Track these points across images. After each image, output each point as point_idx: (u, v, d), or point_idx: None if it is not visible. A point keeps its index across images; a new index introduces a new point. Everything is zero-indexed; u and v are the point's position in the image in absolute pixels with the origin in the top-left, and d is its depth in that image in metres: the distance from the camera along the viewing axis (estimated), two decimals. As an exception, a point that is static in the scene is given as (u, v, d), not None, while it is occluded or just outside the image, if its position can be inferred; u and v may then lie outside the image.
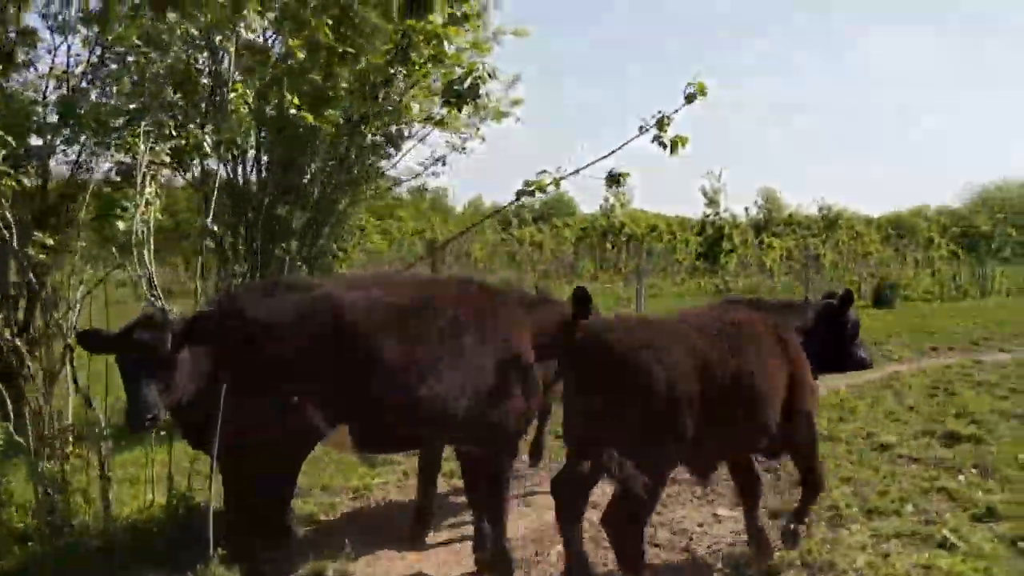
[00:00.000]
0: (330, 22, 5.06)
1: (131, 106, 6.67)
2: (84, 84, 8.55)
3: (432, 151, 9.04)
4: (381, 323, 4.31)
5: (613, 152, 6.05)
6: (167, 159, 6.45)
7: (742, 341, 4.78)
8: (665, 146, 6.03)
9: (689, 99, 5.86)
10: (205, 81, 7.19)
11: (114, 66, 8.16)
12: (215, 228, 6.03)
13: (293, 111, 5.29)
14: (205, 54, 7.24)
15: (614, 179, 6.11)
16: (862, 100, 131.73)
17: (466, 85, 6.19)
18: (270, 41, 7.37)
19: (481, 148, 8.92)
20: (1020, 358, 12.94)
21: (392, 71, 5.58)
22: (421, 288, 4.76)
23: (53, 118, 6.79)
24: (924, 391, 10.19)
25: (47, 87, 8.53)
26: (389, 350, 4.25)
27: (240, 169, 8.94)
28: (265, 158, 8.79)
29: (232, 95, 5.96)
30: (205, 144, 6.12)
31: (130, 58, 6.75)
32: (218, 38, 6.05)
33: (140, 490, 6.02)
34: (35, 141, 6.88)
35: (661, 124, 5.97)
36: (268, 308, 4.28)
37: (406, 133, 7.90)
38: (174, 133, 6.51)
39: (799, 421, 5.06)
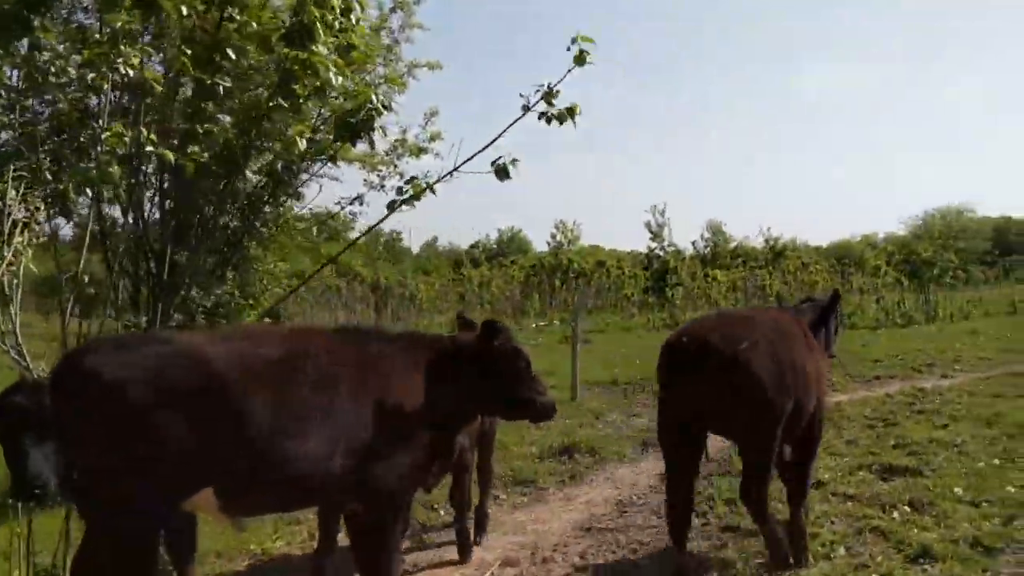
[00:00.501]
0: (189, 52, 4.68)
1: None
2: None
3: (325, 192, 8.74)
4: (248, 376, 3.94)
5: (497, 138, 5.53)
6: (41, 205, 6.02)
7: (791, 339, 5.71)
8: (552, 119, 5.50)
9: (579, 60, 5.32)
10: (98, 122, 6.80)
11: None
12: (86, 278, 5.55)
13: (150, 148, 4.88)
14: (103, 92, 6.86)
15: (501, 170, 5.51)
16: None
17: (360, 117, 5.85)
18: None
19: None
20: (959, 383, 12.82)
21: (272, 104, 5.19)
22: (293, 339, 4.38)
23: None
24: (863, 422, 9.96)
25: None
26: (255, 405, 3.88)
27: (136, 213, 8.49)
28: (169, 202, 8.39)
29: (106, 135, 5.53)
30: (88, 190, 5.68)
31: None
32: (91, 75, 5.60)
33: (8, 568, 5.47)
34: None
35: (548, 97, 5.45)
36: (118, 362, 3.86)
37: (307, 171, 7.51)
38: (49, 177, 6.08)
39: (821, 408, 5.86)
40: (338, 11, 5.50)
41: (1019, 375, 13.19)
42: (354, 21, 5.45)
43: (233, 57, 4.97)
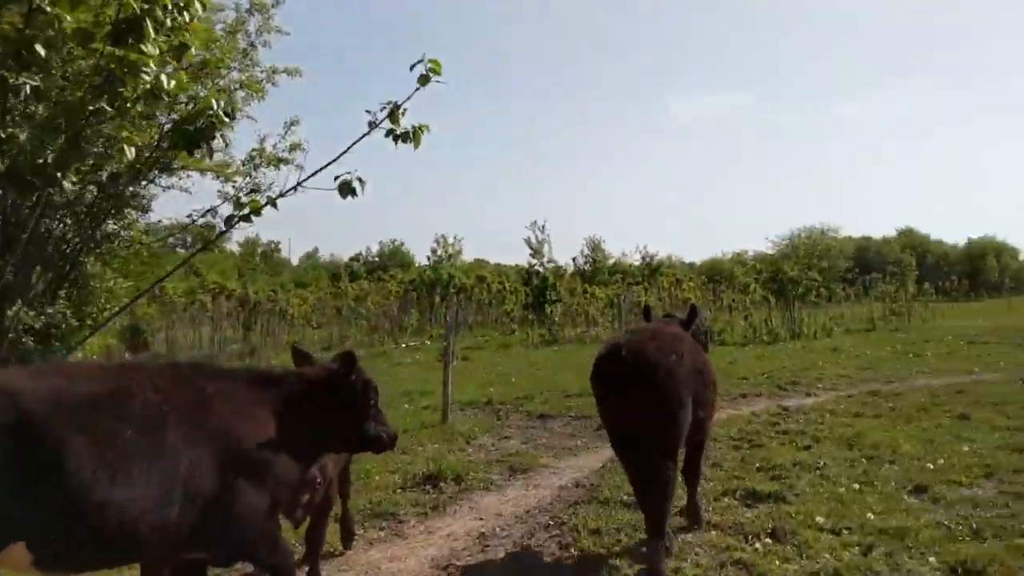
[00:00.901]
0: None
1: None
2: None
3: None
4: (61, 417, 3.55)
5: (340, 156, 5.21)
6: None
7: (696, 350, 6.42)
8: (399, 139, 5.20)
9: (423, 80, 5.05)
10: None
11: None
12: None
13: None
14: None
15: (346, 187, 5.15)
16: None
17: (199, 125, 5.36)
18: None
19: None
20: (821, 401, 13.13)
21: (94, 107, 4.65)
22: (118, 376, 3.96)
23: None
24: (729, 443, 9.98)
25: None
26: (73, 450, 3.51)
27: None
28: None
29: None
30: None
31: None
32: None
33: None
34: None
35: (393, 115, 5.17)
36: None
37: (150, 181, 6.92)
38: None
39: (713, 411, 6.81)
40: (171, 7, 4.99)
41: (876, 393, 13.63)
42: (187, 19, 4.94)
43: (43, 53, 4.39)
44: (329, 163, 5.14)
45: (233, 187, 9.23)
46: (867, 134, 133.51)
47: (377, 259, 72.95)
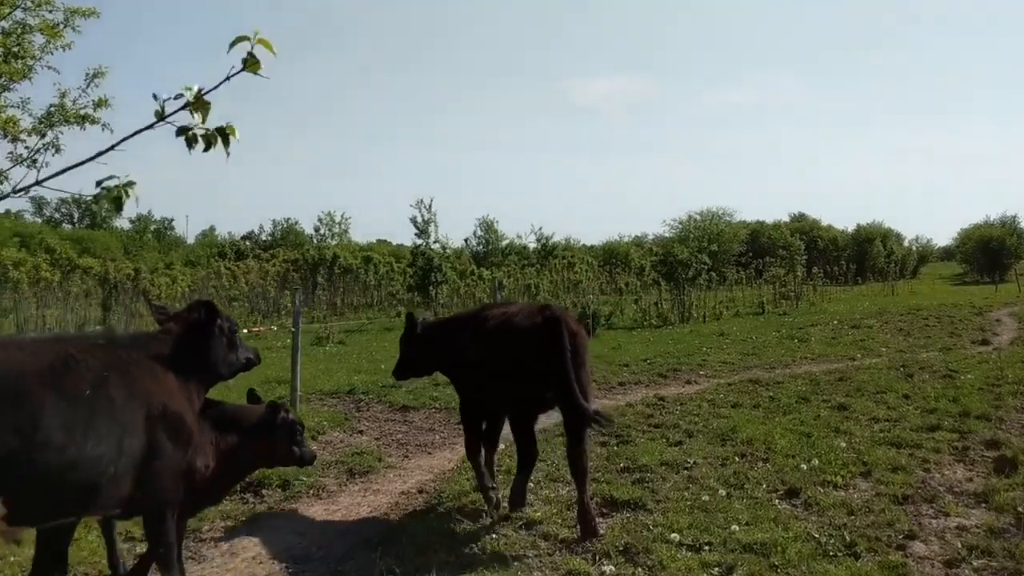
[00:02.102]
0: None
1: None
2: None
3: None
4: (33, 383, 3.83)
5: (106, 151, 3.84)
6: None
7: None
8: (196, 142, 3.47)
9: (252, 69, 3.32)
10: None
11: None
12: None
13: None
14: None
15: (112, 197, 3.49)
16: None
17: None
18: None
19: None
20: (701, 390, 12.50)
21: None
22: (55, 345, 4.22)
23: None
24: (597, 439, 9.13)
25: None
26: (47, 410, 3.80)
27: None
28: None
29: None
30: None
31: None
32: None
33: None
34: None
35: (201, 106, 3.42)
36: None
37: None
38: None
39: None
40: None
41: (757, 382, 13.07)
42: None
43: None
44: (84, 161, 3.76)
45: (26, 148, 7.88)
46: (767, 121, 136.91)
47: (270, 237, 70.37)
